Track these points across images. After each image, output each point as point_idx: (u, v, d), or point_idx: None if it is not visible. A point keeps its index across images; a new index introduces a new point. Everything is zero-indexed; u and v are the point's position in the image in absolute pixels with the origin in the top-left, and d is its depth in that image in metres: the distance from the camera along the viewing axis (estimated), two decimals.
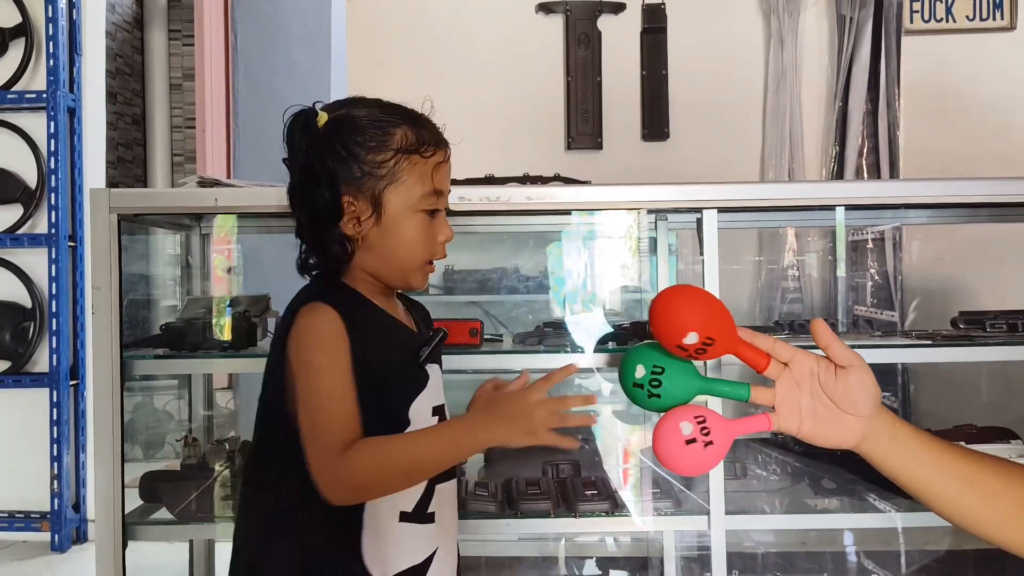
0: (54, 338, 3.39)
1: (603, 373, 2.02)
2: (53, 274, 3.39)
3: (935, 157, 3.43)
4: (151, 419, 3.60)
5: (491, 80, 3.57)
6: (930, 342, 2.10)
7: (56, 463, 3.35)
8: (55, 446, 3.35)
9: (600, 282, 2.69)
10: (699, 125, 3.56)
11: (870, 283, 3.42)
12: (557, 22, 3.63)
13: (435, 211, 1.11)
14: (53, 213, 3.40)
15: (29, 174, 3.47)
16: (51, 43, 3.42)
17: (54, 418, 3.36)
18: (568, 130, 3.59)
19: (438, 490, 1.14)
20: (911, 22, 3.52)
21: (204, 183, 1.91)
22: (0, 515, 3.43)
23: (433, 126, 1.13)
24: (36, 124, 3.45)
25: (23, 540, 3.44)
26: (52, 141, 3.41)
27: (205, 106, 5.28)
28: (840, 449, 0.96)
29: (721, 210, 1.89)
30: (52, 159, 3.42)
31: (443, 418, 1.16)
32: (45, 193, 3.44)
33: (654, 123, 3.57)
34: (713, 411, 0.94)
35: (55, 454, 3.35)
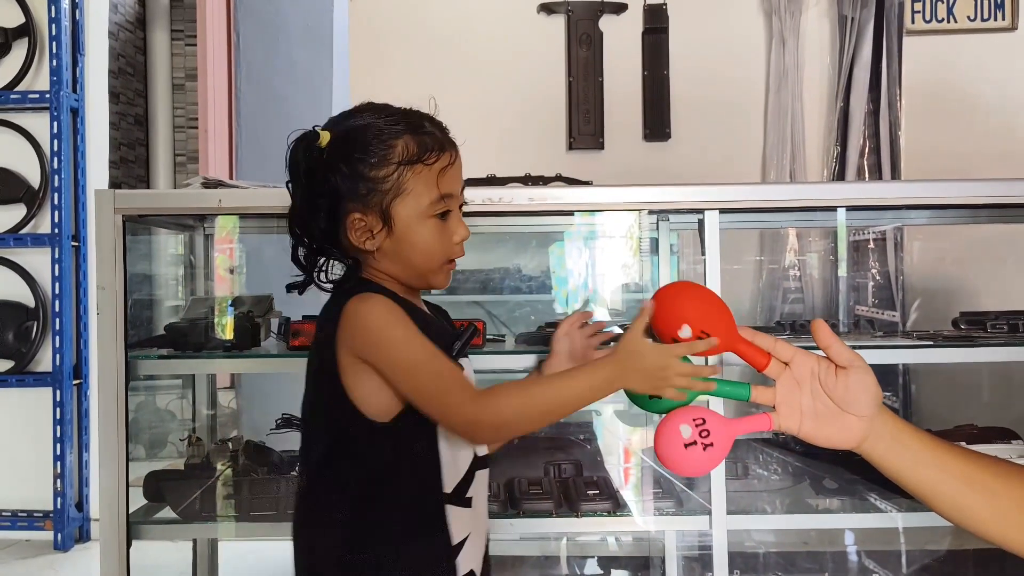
0: (57, 338, 3.40)
1: None
2: (56, 274, 3.40)
3: (936, 157, 3.43)
4: (154, 419, 3.61)
5: (493, 80, 3.57)
6: (931, 342, 2.11)
7: (59, 462, 3.36)
8: (58, 445, 3.36)
9: (602, 282, 2.70)
10: (700, 125, 3.56)
11: (871, 283, 3.42)
12: (559, 22, 3.63)
13: (447, 213, 1.12)
14: (56, 213, 3.41)
15: (32, 174, 3.48)
16: (54, 43, 3.43)
17: (57, 417, 3.37)
18: (569, 130, 3.60)
19: (478, 476, 1.16)
20: (912, 22, 3.52)
21: (208, 184, 1.91)
22: (3, 514, 3.44)
23: (437, 129, 1.13)
24: (39, 124, 3.46)
25: (26, 539, 3.45)
26: (55, 141, 3.42)
27: (207, 106, 5.30)
28: (841, 449, 0.96)
29: (723, 211, 1.90)
30: (55, 159, 3.42)
31: None
32: (48, 193, 3.45)
33: (655, 123, 3.57)
34: (713, 412, 0.95)
35: (58, 453, 3.36)
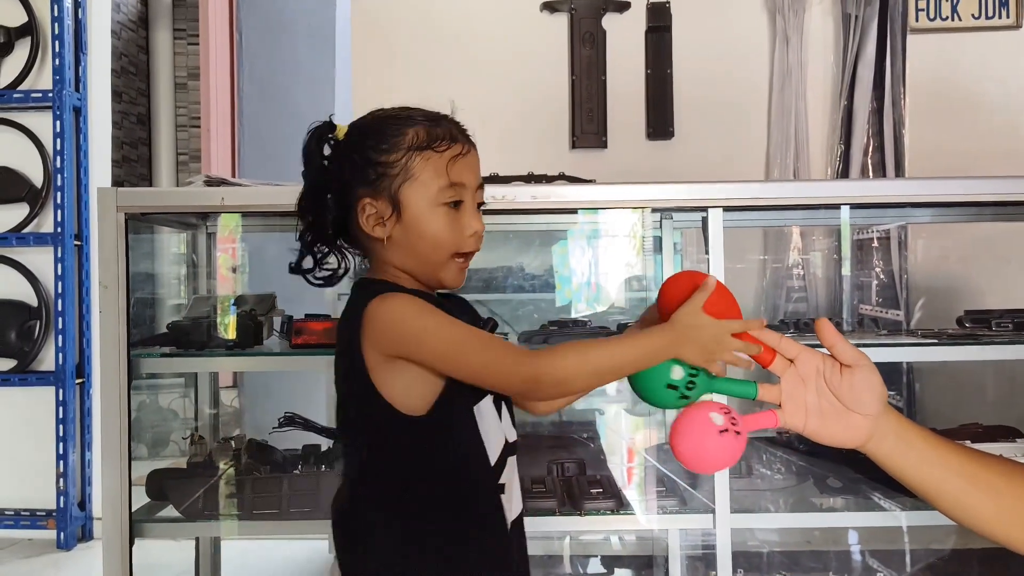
0: (60, 337, 3.40)
1: None
2: (59, 273, 3.40)
3: (940, 156, 3.42)
4: (157, 417, 3.61)
5: (495, 78, 3.56)
6: (936, 341, 2.10)
7: (62, 461, 3.36)
8: (61, 444, 3.36)
9: (605, 281, 2.69)
10: (704, 124, 3.55)
11: (875, 282, 3.41)
12: (562, 21, 3.63)
13: (458, 203, 1.12)
14: (59, 212, 3.41)
15: (35, 173, 3.48)
16: (57, 42, 3.43)
17: (60, 416, 3.37)
18: (573, 129, 3.59)
19: (509, 462, 1.16)
20: (916, 20, 3.50)
21: (211, 182, 1.91)
22: (6, 513, 3.45)
23: (453, 124, 1.14)
24: (42, 123, 3.46)
25: (29, 538, 3.45)
26: (58, 140, 3.42)
27: (210, 105, 5.29)
28: (846, 448, 0.96)
29: (726, 209, 1.89)
30: (58, 158, 3.43)
31: (508, 403, 1.18)
32: (51, 192, 3.45)
33: (659, 122, 3.57)
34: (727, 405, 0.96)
35: (61, 452, 3.36)
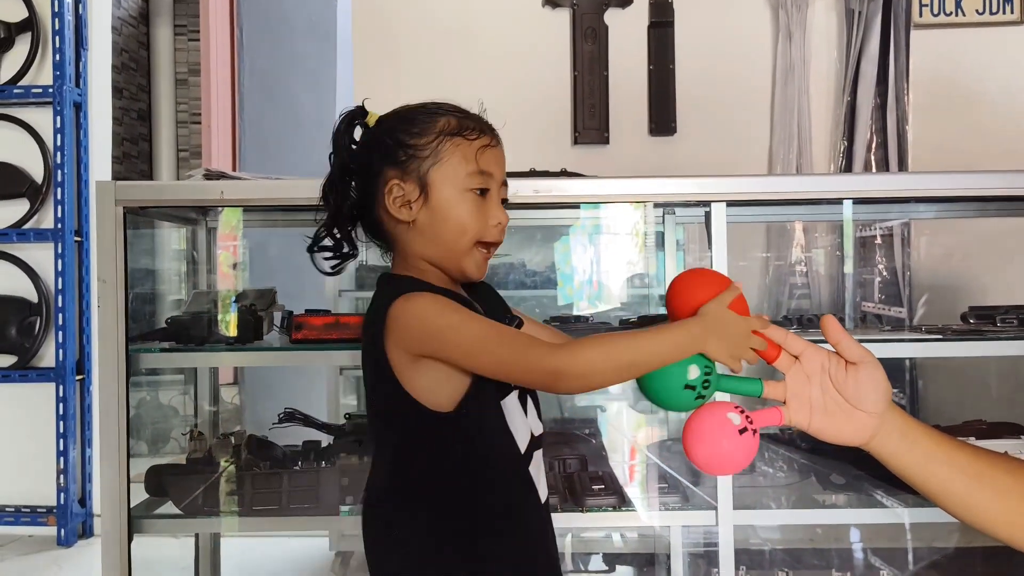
0: (60, 333, 3.39)
1: None
2: (59, 269, 3.40)
3: (944, 152, 3.40)
4: (157, 413, 3.61)
5: (497, 74, 3.55)
6: (940, 336, 2.09)
7: (62, 458, 3.36)
8: (61, 441, 3.36)
9: (607, 276, 2.68)
10: (706, 120, 3.54)
11: (878, 279, 3.40)
12: (564, 16, 3.61)
13: (484, 191, 1.12)
14: (59, 208, 3.41)
15: (35, 169, 3.48)
16: (57, 38, 3.42)
17: (60, 413, 3.36)
18: (575, 125, 3.58)
19: (536, 455, 1.16)
20: (920, 16, 3.49)
21: (210, 176, 1.90)
22: (7, 510, 3.44)
23: (481, 118, 1.17)
24: (42, 119, 3.46)
25: (29, 535, 3.45)
26: (58, 136, 3.42)
27: (211, 101, 5.29)
28: (850, 446, 0.95)
29: (730, 204, 1.88)
30: (58, 154, 3.42)
31: (534, 397, 1.18)
32: (51, 188, 3.44)
33: (661, 118, 3.55)
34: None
35: (61, 449, 3.36)
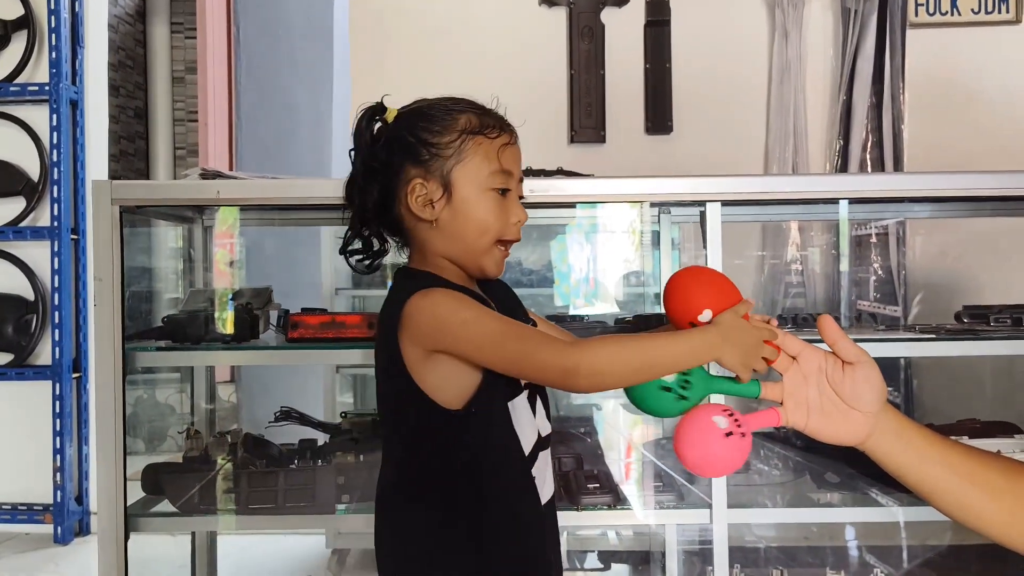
0: (56, 331, 3.39)
1: None
2: (55, 267, 3.39)
3: (939, 151, 3.41)
4: (153, 412, 3.61)
5: (494, 73, 3.55)
6: (934, 336, 2.10)
7: (59, 456, 3.36)
8: (58, 439, 3.36)
9: (603, 276, 2.69)
10: (703, 118, 3.55)
11: (873, 278, 3.40)
12: (560, 15, 3.62)
13: (505, 191, 1.13)
14: (56, 206, 3.40)
15: (32, 167, 3.47)
16: (53, 35, 3.42)
17: (56, 411, 3.36)
18: (571, 123, 3.58)
19: (541, 455, 1.16)
20: (916, 15, 3.50)
21: (206, 175, 1.90)
22: (3, 507, 3.44)
23: (499, 115, 1.17)
24: (39, 117, 3.45)
25: (26, 532, 3.45)
26: (55, 134, 3.41)
27: (207, 99, 5.29)
28: (846, 446, 0.96)
29: (725, 203, 1.88)
30: (55, 152, 3.41)
31: (543, 398, 1.18)
32: (48, 186, 3.44)
33: (657, 116, 3.56)
34: (729, 407, 0.95)
35: (58, 447, 3.36)
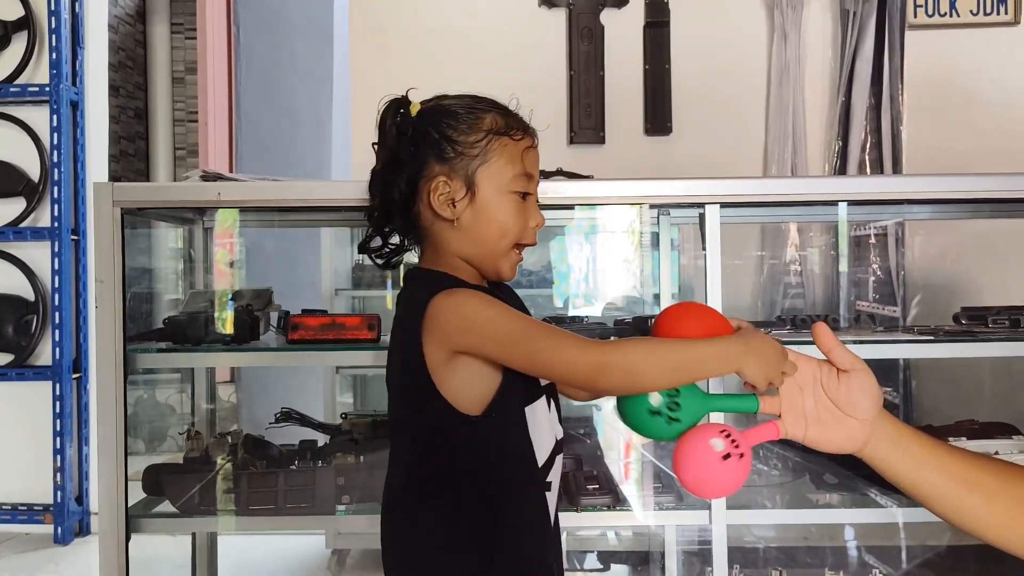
0: (57, 331, 3.40)
1: None
2: (56, 267, 3.40)
3: (938, 152, 3.42)
4: (154, 412, 3.61)
5: (494, 74, 3.56)
6: (932, 337, 2.10)
7: (59, 456, 3.36)
8: (58, 439, 3.36)
9: (602, 277, 2.69)
10: (702, 119, 3.55)
11: (872, 278, 3.41)
12: (560, 16, 3.62)
13: (526, 195, 1.14)
14: (56, 206, 3.41)
15: (32, 167, 3.47)
16: (53, 36, 3.42)
17: (57, 411, 3.37)
18: (570, 124, 3.58)
19: (557, 460, 1.17)
20: (914, 16, 3.50)
21: (207, 177, 1.91)
22: (3, 507, 3.44)
23: (521, 117, 1.18)
24: (39, 117, 3.46)
25: (26, 532, 3.45)
26: (55, 134, 3.41)
27: (208, 99, 5.29)
28: (844, 454, 0.96)
29: (724, 205, 1.89)
30: (55, 152, 3.42)
31: (554, 401, 1.18)
32: (48, 186, 3.44)
33: (657, 117, 3.56)
34: (728, 425, 0.94)
35: (58, 447, 3.36)
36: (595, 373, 0.98)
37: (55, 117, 3.41)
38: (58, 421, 3.36)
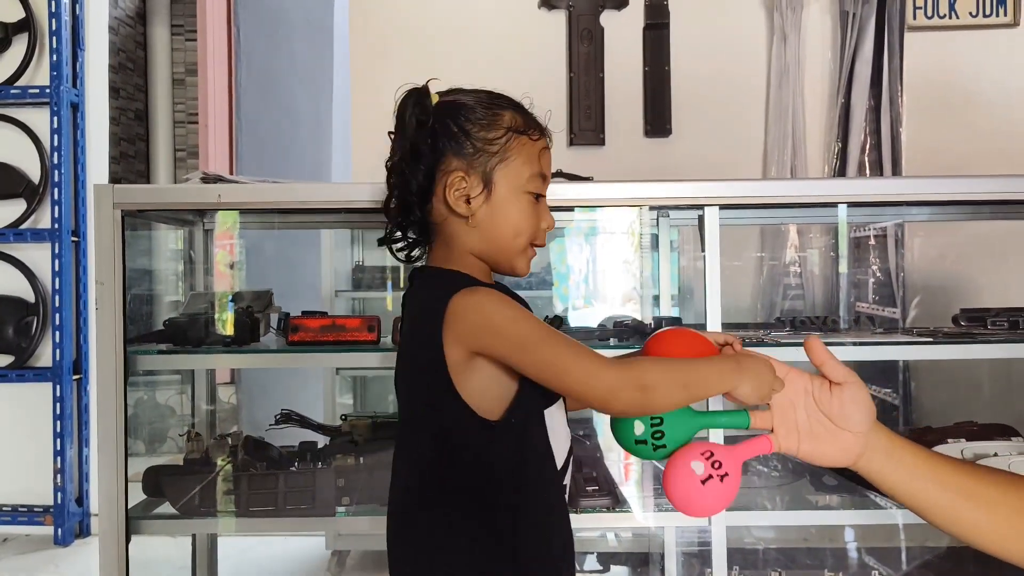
0: (57, 333, 3.40)
1: None
2: (56, 269, 3.40)
3: (937, 154, 3.42)
4: (154, 414, 3.62)
5: (494, 75, 3.52)
6: (931, 339, 2.10)
7: (59, 457, 3.36)
8: (58, 440, 3.36)
9: (602, 278, 2.70)
10: (701, 121, 3.55)
11: (872, 280, 3.41)
12: (560, 18, 3.63)
13: (539, 196, 1.13)
14: (56, 208, 3.41)
15: (32, 169, 3.48)
16: (54, 38, 3.42)
17: (57, 412, 3.37)
18: (570, 126, 3.59)
19: (571, 462, 1.16)
20: (914, 18, 3.51)
21: (207, 179, 1.91)
22: (3, 509, 3.44)
23: (535, 117, 1.17)
24: (39, 119, 3.46)
25: (26, 534, 3.45)
26: (55, 136, 3.42)
27: (208, 101, 5.30)
28: (838, 467, 0.96)
29: (723, 207, 1.89)
30: (55, 154, 3.42)
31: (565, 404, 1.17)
32: (48, 188, 3.44)
33: (656, 119, 3.57)
34: (714, 443, 0.95)
35: (58, 448, 3.36)
36: (612, 390, 0.97)
37: (55, 119, 3.41)
38: (58, 422, 3.36)
